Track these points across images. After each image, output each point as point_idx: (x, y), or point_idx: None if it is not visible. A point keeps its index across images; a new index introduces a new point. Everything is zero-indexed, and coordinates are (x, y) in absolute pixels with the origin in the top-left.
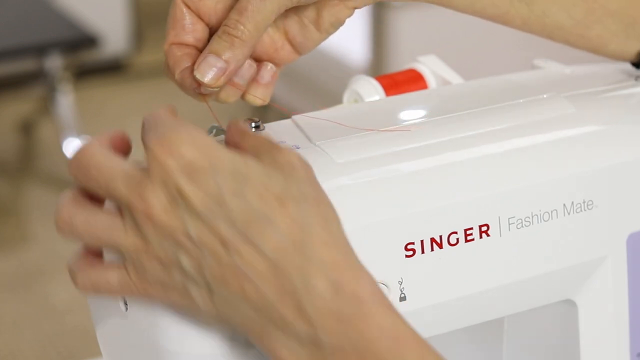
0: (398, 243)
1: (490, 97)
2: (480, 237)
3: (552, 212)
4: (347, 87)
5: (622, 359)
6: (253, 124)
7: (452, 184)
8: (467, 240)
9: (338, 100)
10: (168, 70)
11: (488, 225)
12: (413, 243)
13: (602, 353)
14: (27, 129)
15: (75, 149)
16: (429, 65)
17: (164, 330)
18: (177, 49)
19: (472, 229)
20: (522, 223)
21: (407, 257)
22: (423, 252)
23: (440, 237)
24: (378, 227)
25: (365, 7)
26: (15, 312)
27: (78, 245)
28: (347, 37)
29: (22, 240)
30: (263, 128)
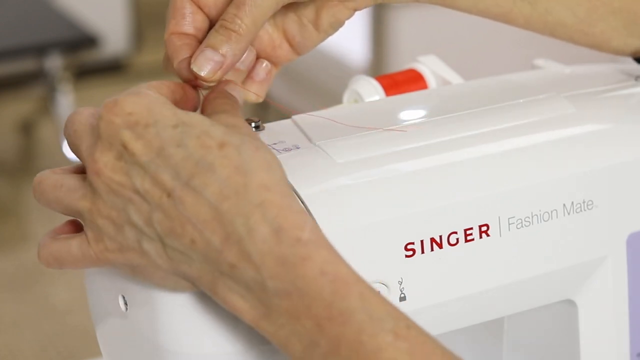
0: (398, 243)
1: (490, 97)
2: (480, 237)
3: (552, 212)
4: (347, 87)
5: (622, 359)
6: (253, 124)
7: (452, 184)
8: (467, 240)
9: (338, 100)
10: (167, 60)
11: (488, 225)
12: (413, 243)
13: (602, 353)
14: (27, 129)
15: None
16: (429, 65)
17: (164, 330)
18: (177, 39)
19: (472, 229)
20: (522, 223)
21: (407, 257)
22: (423, 252)
23: (440, 237)
24: (378, 227)
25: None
26: (15, 312)
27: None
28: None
29: (22, 240)
30: (263, 128)
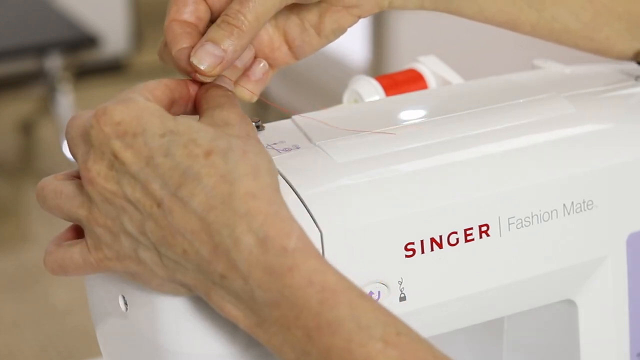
0: (398, 243)
1: (490, 97)
2: (480, 237)
3: (552, 212)
4: (347, 87)
5: (622, 359)
6: (253, 124)
7: (452, 184)
8: (467, 240)
9: (338, 100)
10: (164, 48)
11: (488, 225)
12: (413, 243)
13: (602, 353)
14: (27, 129)
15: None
16: (429, 66)
17: (164, 330)
18: (177, 26)
19: (472, 229)
20: (522, 223)
21: (407, 257)
22: (423, 252)
23: (440, 237)
24: (378, 227)
25: None
26: (15, 312)
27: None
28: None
29: (22, 240)
30: (263, 128)
